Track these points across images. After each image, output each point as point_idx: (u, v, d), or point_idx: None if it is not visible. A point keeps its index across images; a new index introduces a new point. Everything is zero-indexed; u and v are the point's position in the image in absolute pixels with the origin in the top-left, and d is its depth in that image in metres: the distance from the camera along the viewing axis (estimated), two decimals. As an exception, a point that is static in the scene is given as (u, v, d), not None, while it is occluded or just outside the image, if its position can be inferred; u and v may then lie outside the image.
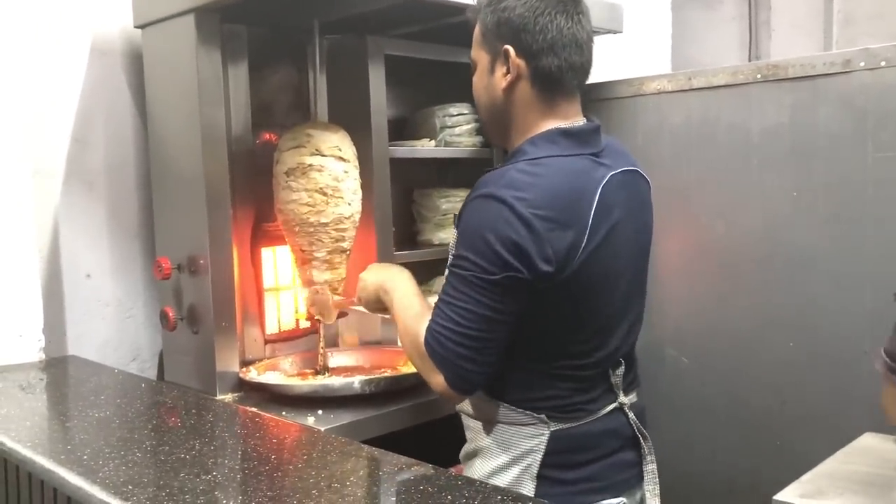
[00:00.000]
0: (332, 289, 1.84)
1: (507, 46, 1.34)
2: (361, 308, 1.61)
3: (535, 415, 1.34)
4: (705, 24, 4.13)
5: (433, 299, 1.36)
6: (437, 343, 1.29)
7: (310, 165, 1.76)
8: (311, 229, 1.78)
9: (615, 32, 2.08)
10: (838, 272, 1.75)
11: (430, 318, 1.32)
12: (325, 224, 1.78)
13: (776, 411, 1.86)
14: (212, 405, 1.53)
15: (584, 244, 1.26)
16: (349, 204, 1.81)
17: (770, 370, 1.87)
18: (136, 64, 1.99)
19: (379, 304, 1.53)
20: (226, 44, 1.78)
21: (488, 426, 1.40)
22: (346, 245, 1.84)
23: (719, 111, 1.92)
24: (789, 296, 1.83)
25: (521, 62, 1.33)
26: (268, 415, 1.48)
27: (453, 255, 1.32)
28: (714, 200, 1.94)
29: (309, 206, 1.76)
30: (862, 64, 1.68)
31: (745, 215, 1.89)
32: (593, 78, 1.83)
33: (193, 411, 1.46)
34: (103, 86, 1.98)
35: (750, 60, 4.22)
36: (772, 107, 1.83)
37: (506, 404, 1.37)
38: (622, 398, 1.41)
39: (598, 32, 2.05)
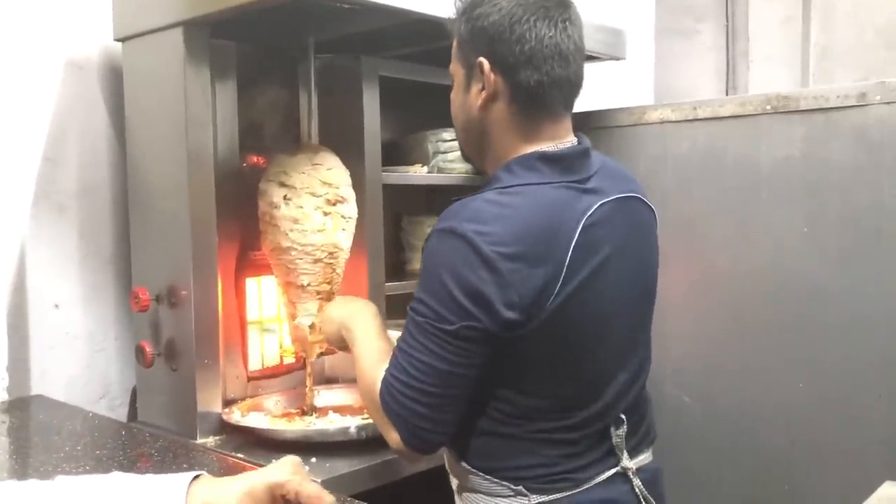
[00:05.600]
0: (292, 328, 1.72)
1: (481, 59, 1.19)
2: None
3: (511, 486, 1.19)
4: (684, 53, 4.13)
5: (397, 334, 1.23)
6: (391, 398, 1.17)
7: (258, 190, 1.69)
8: (270, 258, 1.69)
9: (618, 59, 2.01)
10: (851, 311, 1.69)
11: (386, 365, 1.20)
12: (271, 252, 1.67)
13: (785, 454, 1.78)
14: (202, 458, 1.39)
15: (558, 286, 1.11)
16: (286, 234, 1.63)
17: (778, 411, 1.79)
18: (112, 79, 1.86)
19: (342, 342, 1.43)
20: (213, 60, 1.66)
21: (464, 493, 1.25)
22: (302, 280, 1.64)
23: (726, 142, 1.86)
24: (799, 334, 1.76)
25: (496, 77, 1.19)
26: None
27: (414, 296, 1.18)
28: (720, 234, 1.87)
29: (262, 231, 1.69)
30: (878, 98, 1.64)
31: (753, 250, 1.82)
32: (589, 106, 1.77)
33: (185, 466, 1.31)
34: (77, 102, 1.83)
35: (727, 90, 4.22)
36: (783, 139, 1.77)
37: (480, 472, 1.21)
38: (625, 461, 1.23)
39: (600, 59, 1.99)
